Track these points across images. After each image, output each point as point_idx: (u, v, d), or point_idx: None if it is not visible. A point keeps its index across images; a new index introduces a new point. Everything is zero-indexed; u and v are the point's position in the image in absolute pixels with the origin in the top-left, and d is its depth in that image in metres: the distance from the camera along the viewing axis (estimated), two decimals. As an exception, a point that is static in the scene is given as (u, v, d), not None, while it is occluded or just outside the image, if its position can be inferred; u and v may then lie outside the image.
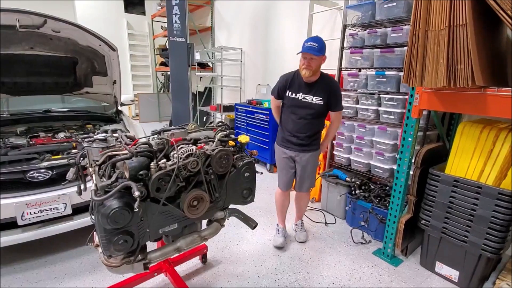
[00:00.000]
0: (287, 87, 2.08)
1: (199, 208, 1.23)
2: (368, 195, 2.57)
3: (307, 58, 1.91)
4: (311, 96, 2.02)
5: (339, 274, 2.06)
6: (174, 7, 3.62)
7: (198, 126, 1.49)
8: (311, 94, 2.02)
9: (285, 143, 2.18)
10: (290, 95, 2.08)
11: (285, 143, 2.17)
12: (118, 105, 3.07)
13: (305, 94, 2.03)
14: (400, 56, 2.31)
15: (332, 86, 2.05)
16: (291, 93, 2.07)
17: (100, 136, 1.24)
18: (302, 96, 2.04)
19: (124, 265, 1.15)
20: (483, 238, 1.73)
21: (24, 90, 2.67)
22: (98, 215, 0.99)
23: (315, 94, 2.01)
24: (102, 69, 2.80)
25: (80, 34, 2.40)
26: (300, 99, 2.04)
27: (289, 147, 2.16)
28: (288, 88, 2.08)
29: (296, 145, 2.12)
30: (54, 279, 1.93)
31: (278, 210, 2.41)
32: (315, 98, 2.01)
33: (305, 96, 2.03)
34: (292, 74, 2.10)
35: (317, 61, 1.93)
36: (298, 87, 2.05)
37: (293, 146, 2.14)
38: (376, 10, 2.46)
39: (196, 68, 5.60)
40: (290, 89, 2.07)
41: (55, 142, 2.31)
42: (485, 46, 1.56)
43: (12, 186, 1.86)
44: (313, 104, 2.03)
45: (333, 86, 2.05)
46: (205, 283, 1.93)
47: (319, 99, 2.01)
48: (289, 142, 2.15)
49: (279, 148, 2.23)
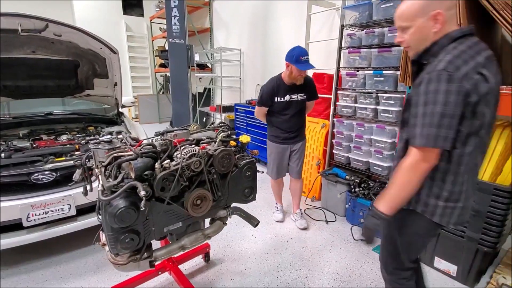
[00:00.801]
0: (275, 94, 2.34)
1: (202, 207, 1.26)
2: (367, 192, 2.60)
3: (304, 71, 2.22)
4: (296, 95, 2.37)
5: (340, 271, 2.09)
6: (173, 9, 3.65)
7: (200, 127, 1.52)
8: (296, 93, 2.36)
9: (279, 139, 2.49)
10: (279, 100, 2.36)
11: (280, 139, 2.49)
12: (119, 107, 3.10)
13: (291, 95, 2.35)
14: (397, 56, 2.35)
15: (308, 82, 2.40)
16: (280, 98, 2.35)
17: (106, 138, 1.27)
18: (289, 97, 2.35)
19: (131, 263, 1.17)
20: (480, 232, 1.77)
21: (26, 93, 2.69)
22: (105, 215, 1.02)
23: (299, 92, 2.37)
24: (103, 72, 2.83)
25: (81, 38, 2.44)
26: (288, 100, 2.36)
27: (284, 142, 2.49)
28: (276, 94, 2.34)
29: (289, 139, 2.48)
30: (59, 279, 1.96)
31: (275, 193, 2.82)
32: (299, 95, 2.37)
33: (291, 96, 2.35)
34: (274, 82, 2.36)
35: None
36: (284, 91, 2.34)
37: (287, 140, 2.48)
38: (373, 10, 2.49)
39: (195, 69, 5.63)
40: (278, 95, 2.34)
41: (58, 144, 2.33)
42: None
43: (17, 188, 1.89)
44: (299, 101, 2.38)
45: (308, 81, 2.42)
46: (208, 281, 1.97)
47: (302, 94, 2.38)
48: (284, 138, 2.47)
49: (273, 144, 2.53)
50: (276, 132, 2.49)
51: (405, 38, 1.08)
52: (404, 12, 1.05)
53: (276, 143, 2.51)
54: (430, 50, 1.04)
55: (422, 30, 1.03)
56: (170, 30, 3.70)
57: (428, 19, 1.00)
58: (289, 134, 2.45)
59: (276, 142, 2.51)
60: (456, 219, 1.10)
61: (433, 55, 1.02)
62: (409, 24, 1.05)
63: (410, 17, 1.04)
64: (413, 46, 1.09)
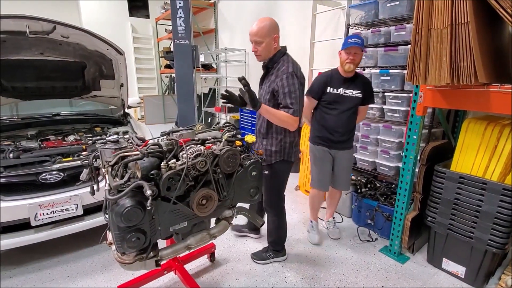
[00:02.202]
0: (328, 84, 2.14)
1: (207, 207, 1.26)
2: (374, 193, 2.58)
3: (351, 52, 2.00)
4: (351, 90, 2.13)
5: (346, 271, 2.08)
6: (178, 10, 3.67)
7: (205, 127, 1.52)
8: (351, 88, 2.13)
9: (324, 141, 2.22)
10: (332, 91, 2.14)
11: (324, 141, 2.22)
12: (125, 108, 3.12)
13: (345, 89, 2.13)
14: (404, 55, 2.33)
15: (366, 80, 2.21)
16: (333, 89, 2.13)
17: (112, 138, 1.28)
18: (343, 91, 2.13)
19: (137, 262, 1.18)
20: (488, 233, 1.74)
21: (34, 94, 2.73)
22: (112, 214, 1.03)
23: (354, 88, 2.13)
24: (110, 73, 2.86)
25: (88, 39, 2.46)
26: (342, 94, 2.13)
27: (329, 145, 2.22)
28: (329, 85, 2.14)
29: (335, 142, 2.20)
30: (66, 278, 1.98)
31: (312, 208, 2.46)
32: (355, 92, 2.13)
33: (346, 91, 2.13)
34: (329, 72, 2.19)
35: (359, 56, 2.05)
36: (338, 83, 2.13)
37: (332, 144, 2.21)
38: (379, 9, 2.48)
39: (200, 70, 5.64)
40: (331, 85, 2.14)
41: (65, 144, 2.36)
42: (487, 44, 1.57)
43: (25, 188, 1.92)
44: (353, 98, 2.13)
45: (367, 81, 2.23)
46: (213, 281, 1.97)
47: (358, 92, 2.13)
48: (328, 140, 2.20)
49: (316, 146, 2.27)
50: (321, 131, 2.22)
51: None
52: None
53: (315, 144, 2.27)
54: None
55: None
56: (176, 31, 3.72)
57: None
58: (336, 136, 2.17)
59: (315, 143, 2.27)
60: None
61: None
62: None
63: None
64: None
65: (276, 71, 1.75)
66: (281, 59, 1.78)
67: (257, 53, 1.76)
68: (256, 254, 2.19)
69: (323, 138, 2.22)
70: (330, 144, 2.21)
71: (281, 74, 1.71)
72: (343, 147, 2.22)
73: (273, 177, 1.91)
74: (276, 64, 1.78)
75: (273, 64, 1.78)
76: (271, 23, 1.71)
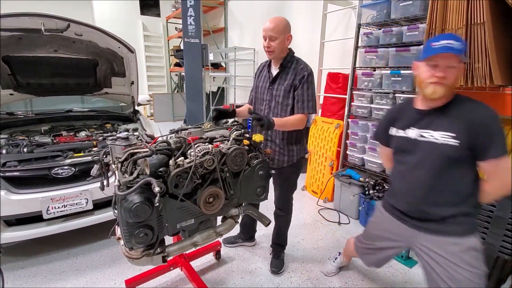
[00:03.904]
0: (392, 122, 1.37)
1: (214, 205, 1.27)
2: (382, 195, 2.55)
3: (440, 65, 1.13)
4: (433, 132, 1.20)
5: (352, 274, 2.06)
6: (189, 9, 3.69)
7: (213, 125, 1.53)
8: (434, 129, 1.20)
9: (394, 211, 1.40)
10: (395, 134, 1.34)
11: (394, 211, 1.39)
12: (135, 105, 3.17)
13: (420, 129, 1.24)
14: (416, 55, 2.28)
15: (479, 116, 1.13)
16: (397, 131, 1.34)
17: (123, 135, 1.29)
18: (415, 132, 1.25)
19: (144, 257, 1.19)
20: (500, 240, 1.70)
21: (48, 90, 2.79)
22: (121, 209, 1.05)
23: (441, 129, 1.18)
24: (121, 70, 2.90)
25: (100, 37, 2.50)
26: (413, 138, 1.26)
27: (400, 217, 1.36)
28: (394, 123, 1.36)
29: (412, 218, 1.31)
30: (76, 270, 2.02)
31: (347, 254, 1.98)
32: (440, 135, 1.17)
33: (421, 132, 1.24)
34: (403, 103, 1.42)
35: (457, 71, 1.14)
36: (408, 119, 1.30)
37: (406, 219, 1.33)
38: (392, 8, 2.44)
39: (209, 69, 5.67)
40: (396, 124, 1.35)
41: (77, 140, 2.41)
42: (503, 45, 1.53)
43: (38, 182, 1.97)
44: (438, 146, 1.18)
45: (481, 116, 1.13)
46: (219, 279, 1.98)
47: (450, 136, 1.15)
48: (399, 211, 1.36)
49: (381, 211, 1.49)
50: (390, 193, 1.46)
51: None
52: None
53: (388, 213, 1.43)
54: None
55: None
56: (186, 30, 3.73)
57: None
58: (410, 206, 1.30)
59: (388, 211, 1.44)
60: None
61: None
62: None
63: None
64: None
65: (293, 70, 1.76)
66: (294, 59, 1.81)
67: (270, 49, 1.72)
68: (276, 266, 2.06)
69: (391, 204, 1.42)
70: (402, 216, 1.35)
71: (301, 72, 1.72)
72: (426, 229, 1.27)
73: (295, 174, 1.94)
74: (290, 64, 1.79)
75: (287, 63, 1.79)
76: (287, 22, 1.73)
